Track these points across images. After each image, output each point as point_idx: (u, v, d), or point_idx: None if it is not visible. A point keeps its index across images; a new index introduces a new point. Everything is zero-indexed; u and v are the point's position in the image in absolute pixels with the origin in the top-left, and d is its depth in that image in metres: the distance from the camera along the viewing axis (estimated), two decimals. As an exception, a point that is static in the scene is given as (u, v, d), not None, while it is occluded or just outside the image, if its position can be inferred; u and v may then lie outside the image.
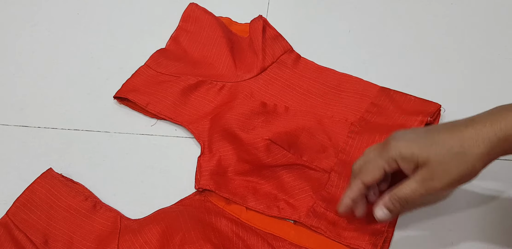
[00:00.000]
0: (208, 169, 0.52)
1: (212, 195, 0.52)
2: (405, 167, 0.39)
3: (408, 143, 0.39)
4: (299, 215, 0.49)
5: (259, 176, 0.52)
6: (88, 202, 0.51)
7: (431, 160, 0.37)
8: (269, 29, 0.61)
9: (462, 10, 0.65)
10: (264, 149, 0.51)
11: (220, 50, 0.61)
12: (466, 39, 0.62)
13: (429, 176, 0.38)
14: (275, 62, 0.60)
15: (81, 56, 0.65)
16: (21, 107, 0.61)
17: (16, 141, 0.58)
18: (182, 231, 0.46)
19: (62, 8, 0.70)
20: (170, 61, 0.61)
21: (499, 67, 0.59)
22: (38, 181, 0.51)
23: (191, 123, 0.56)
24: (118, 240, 0.47)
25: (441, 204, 0.50)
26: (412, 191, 0.39)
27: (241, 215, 0.50)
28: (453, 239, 0.48)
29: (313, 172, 0.52)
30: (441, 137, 0.38)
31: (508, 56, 0.60)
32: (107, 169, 0.55)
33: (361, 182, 0.42)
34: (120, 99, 0.60)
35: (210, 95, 0.58)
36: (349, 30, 0.65)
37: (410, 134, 0.40)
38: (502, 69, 0.59)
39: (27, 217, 0.50)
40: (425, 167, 0.38)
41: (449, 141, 0.37)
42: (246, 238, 0.47)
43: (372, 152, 0.42)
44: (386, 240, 0.48)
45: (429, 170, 0.38)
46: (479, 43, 0.61)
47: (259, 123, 0.54)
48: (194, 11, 0.65)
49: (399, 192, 0.40)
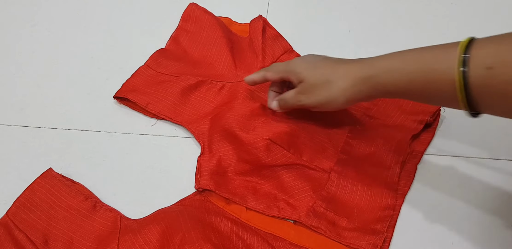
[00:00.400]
0: (208, 169, 0.52)
1: (212, 195, 0.52)
2: (293, 79, 0.49)
3: (302, 63, 0.49)
4: (299, 215, 0.49)
5: (259, 176, 0.52)
6: (88, 202, 0.51)
7: (308, 80, 0.47)
8: (269, 29, 0.61)
9: (462, 10, 0.65)
10: (264, 148, 0.51)
11: (220, 50, 0.61)
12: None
13: (302, 91, 0.48)
14: (275, 62, 0.60)
15: (81, 56, 0.65)
16: (21, 107, 0.61)
17: (16, 141, 0.58)
18: (182, 231, 0.46)
19: (62, 8, 0.70)
20: (170, 61, 0.61)
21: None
22: (38, 181, 0.51)
23: (191, 123, 0.56)
24: (118, 240, 0.47)
25: (441, 204, 0.50)
26: (290, 97, 0.50)
27: (241, 215, 0.50)
28: (453, 239, 0.48)
29: (313, 171, 0.52)
30: (325, 66, 0.47)
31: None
32: (107, 169, 0.55)
33: (264, 74, 0.52)
34: (120, 99, 0.60)
35: (210, 95, 0.58)
36: (349, 30, 0.65)
37: (310, 57, 0.50)
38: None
39: (27, 217, 0.50)
40: (303, 83, 0.48)
41: (327, 70, 0.46)
42: (246, 238, 0.47)
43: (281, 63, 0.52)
44: (386, 240, 0.48)
45: (303, 86, 0.48)
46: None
47: (259, 124, 0.54)
48: (194, 11, 0.65)
49: (284, 95, 0.51)
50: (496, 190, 0.51)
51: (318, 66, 0.47)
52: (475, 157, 0.53)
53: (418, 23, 0.64)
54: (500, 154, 0.53)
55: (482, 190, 0.51)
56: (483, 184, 0.51)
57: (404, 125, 0.53)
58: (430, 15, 0.65)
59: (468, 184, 0.51)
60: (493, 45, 0.35)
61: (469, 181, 0.51)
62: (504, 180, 0.51)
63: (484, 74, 0.34)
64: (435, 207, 0.50)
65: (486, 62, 0.34)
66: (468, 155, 0.53)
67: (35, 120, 0.60)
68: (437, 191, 0.51)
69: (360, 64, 0.44)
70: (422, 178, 0.52)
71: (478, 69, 0.34)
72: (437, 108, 0.54)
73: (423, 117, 0.53)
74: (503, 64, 0.33)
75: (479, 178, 0.52)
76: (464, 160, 0.53)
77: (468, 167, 0.52)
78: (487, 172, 0.52)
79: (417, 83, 0.39)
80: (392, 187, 0.50)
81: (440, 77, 0.37)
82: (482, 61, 0.34)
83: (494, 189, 0.51)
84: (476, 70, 0.35)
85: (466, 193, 0.51)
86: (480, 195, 0.50)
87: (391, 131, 0.53)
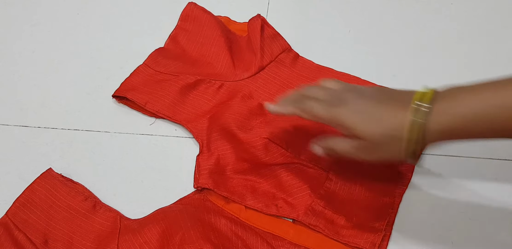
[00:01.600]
0: (206, 168, 0.52)
1: (211, 194, 0.52)
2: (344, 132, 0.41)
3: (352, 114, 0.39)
4: (297, 214, 0.49)
5: (258, 175, 0.52)
6: (87, 202, 0.51)
7: (368, 138, 0.39)
8: (267, 28, 0.61)
9: (462, 10, 0.65)
10: (262, 147, 0.51)
11: (218, 49, 0.61)
12: (466, 39, 0.62)
13: (361, 148, 0.40)
14: (273, 61, 0.60)
15: (81, 56, 0.65)
16: (21, 107, 0.61)
17: (16, 141, 0.58)
18: (182, 231, 0.46)
19: (62, 8, 0.70)
20: (168, 60, 0.61)
21: (499, 67, 0.59)
22: (37, 181, 0.51)
23: (189, 122, 0.56)
24: (118, 240, 0.47)
25: (441, 204, 0.50)
26: (343, 151, 0.41)
27: (240, 214, 0.50)
28: (453, 239, 0.48)
29: (312, 170, 0.52)
30: (387, 115, 0.38)
31: (507, 56, 0.60)
32: (107, 169, 0.55)
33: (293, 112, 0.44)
34: (119, 98, 0.60)
35: (209, 94, 0.58)
36: (349, 30, 0.65)
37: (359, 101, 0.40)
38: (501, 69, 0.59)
39: (26, 217, 0.50)
40: (361, 141, 0.39)
41: (390, 120, 0.38)
42: (245, 237, 0.47)
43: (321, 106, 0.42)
44: (384, 238, 0.48)
45: (363, 144, 0.39)
46: (479, 43, 0.61)
47: (257, 124, 0.54)
48: (192, 10, 0.65)
49: (334, 144, 0.42)
50: (496, 190, 0.51)
51: (369, 117, 0.38)
52: (475, 157, 0.53)
53: (418, 23, 0.64)
54: (500, 154, 0.53)
55: (482, 190, 0.51)
56: (483, 184, 0.51)
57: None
58: (430, 15, 0.65)
59: (468, 184, 0.51)
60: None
61: (469, 181, 0.51)
62: (504, 180, 0.51)
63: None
64: (435, 207, 0.50)
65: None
66: (468, 155, 0.53)
67: (35, 120, 0.60)
68: (437, 191, 0.51)
69: (434, 112, 0.36)
70: (422, 178, 0.52)
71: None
72: None
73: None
74: None
75: (479, 178, 0.52)
76: (464, 160, 0.53)
77: (468, 167, 0.52)
78: (487, 172, 0.52)
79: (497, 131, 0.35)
80: (391, 186, 0.50)
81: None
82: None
83: (494, 189, 0.51)
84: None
85: (466, 193, 0.51)
86: (480, 195, 0.50)
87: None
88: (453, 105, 0.36)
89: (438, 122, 0.36)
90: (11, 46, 0.67)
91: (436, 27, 0.64)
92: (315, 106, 0.42)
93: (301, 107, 0.43)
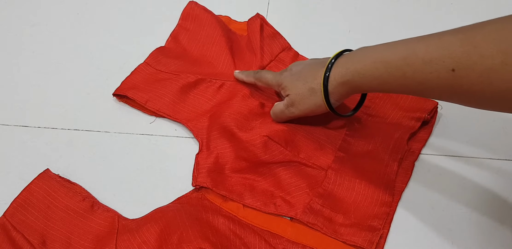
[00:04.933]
0: (205, 167, 0.52)
1: (209, 193, 0.52)
2: (281, 93, 0.52)
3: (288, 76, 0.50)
4: (295, 212, 0.49)
5: (256, 173, 0.52)
6: (85, 202, 0.51)
7: (293, 92, 0.49)
8: (267, 27, 0.61)
9: (462, 10, 0.65)
10: (262, 145, 0.51)
11: (219, 49, 0.61)
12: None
13: (290, 103, 0.50)
14: (274, 60, 0.60)
15: (81, 56, 0.65)
16: (21, 107, 0.61)
17: (16, 141, 0.58)
18: (180, 230, 0.46)
19: (62, 8, 0.70)
20: (169, 59, 0.61)
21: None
22: (35, 182, 0.51)
23: (189, 121, 0.56)
24: (116, 240, 0.47)
25: (441, 204, 0.50)
26: (280, 111, 0.52)
27: (238, 213, 0.50)
28: (453, 239, 0.48)
29: (310, 169, 0.52)
30: (307, 74, 0.48)
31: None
32: (107, 169, 0.55)
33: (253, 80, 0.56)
34: (119, 97, 0.60)
35: (209, 93, 0.58)
36: (349, 30, 0.65)
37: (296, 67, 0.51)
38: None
39: (24, 218, 0.50)
40: (290, 96, 0.50)
41: (309, 78, 0.48)
42: (243, 236, 0.47)
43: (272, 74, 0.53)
44: (382, 236, 0.48)
45: (290, 99, 0.50)
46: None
47: (257, 125, 0.54)
48: (193, 9, 0.65)
49: (274, 109, 0.53)
50: (496, 190, 0.51)
51: (301, 76, 0.49)
52: (475, 157, 0.53)
53: (418, 23, 0.64)
54: (500, 154, 0.53)
55: (482, 190, 0.51)
56: (483, 184, 0.51)
57: (402, 123, 0.54)
58: (430, 15, 0.65)
59: (468, 184, 0.51)
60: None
61: (469, 181, 0.51)
62: (504, 180, 0.51)
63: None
64: (435, 207, 0.50)
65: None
66: (468, 155, 0.53)
67: (35, 120, 0.60)
68: (437, 191, 0.51)
69: (337, 69, 0.45)
70: (422, 178, 0.52)
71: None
72: (434, 106, 0.54)
73: (420, 115, 0.53)
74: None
75: (479, 178, 0.52)
76: (464, 160, 0.53)
77: (468, 167, 0.52)
78: (487, 172, 0.52)
79: (390, 85, 0.41)
80: (389, 185, 0.50)
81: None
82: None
83: (494, 189, 0.51)
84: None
85: (466, 193, 0.51)
86: (480, 195, 0.50)
87: (388, 129, 0.53)
88: (349, 60, 0.44)
89: (339, 74, 0.45)
90: (11, 46, 0.67)
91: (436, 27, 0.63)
92: (266, 74, 0.54)
93: (256, 76, 0.55)
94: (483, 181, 0.51)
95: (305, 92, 0.48)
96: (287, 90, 0.50)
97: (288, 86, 0.50)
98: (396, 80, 0.40)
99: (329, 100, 0.47)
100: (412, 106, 0.54)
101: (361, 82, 0.43)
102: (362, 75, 0.43)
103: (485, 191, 0.51)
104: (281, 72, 0.52)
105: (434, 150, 0.54)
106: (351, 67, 0.43)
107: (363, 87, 0.44)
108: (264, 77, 0.54)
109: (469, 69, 0.34)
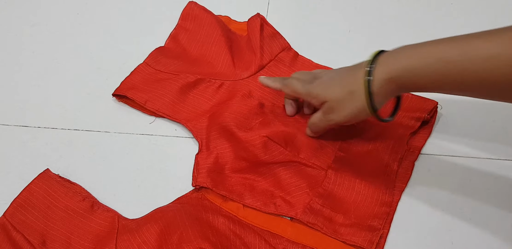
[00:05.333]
0: (205, 167, 0.52)
1: (209, 193, 0.52)
2: (314, 103, 0.48)
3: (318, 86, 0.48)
4: (295, 212, 0.49)
5: (256, 173, 0.52)
6: (85, 202, 0.51)
7: (330, 98, 0.46)
8: (267, 27, 0.61)
9: (462, 10, 0.65)
10: (261, 146, 0.51)
11: (219, 49, 0.61)
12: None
13: (329, 110, 0.47)
14: (273, 60, 0.60)
15: (81, 56, 0.65)
16: (21, 107, 0.61)
17: (16, 141, 0.58)
18: (180, 230, 0.46)
19: (62, 8, 0.70)
20: (169, 59, 0.61)
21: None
22: (35, 182, 0.51)
23: (189, 121, 0.56)
24: (116, 240, 0.47)
25: (441, 204, 0.50)
26: (319, 120, 0.49)
27: (238, 213, 0.50)
28: (453, 239, 0.48)
29: (310, 169, 0.52)
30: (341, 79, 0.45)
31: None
32: (107, 169, 0.55)
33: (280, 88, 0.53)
34: (119, 97, 0.60)
35: (209, 93, 0.58)
36: (349, 30, 0.65)
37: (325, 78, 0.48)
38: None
39: (24, 218, 0.50)
40: (327, 103, 0.46)
41: (344, 81, 0.45)
42: (243, 235, 0.47)
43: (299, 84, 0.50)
44: (382, 236, 0.48)
45: (328, 106, 0.46)
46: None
47: (256, 124, 0.54)
48: (193, 10, 0.65)
49: (312, 120, 0.50)
50: (496, 190, 0.51)
51: (333, 83, 0.46)
52: (475, 157, 0.53)
53: (418, 23, 0.64)
54: (500, 154, 0.53)
55: (482, 190, 0.51)
56: (483, 184, 0.51)
57: (402, 122, 0.54)
58: (430, 15, 0.65)
59: (468, 184, 0.51)
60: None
61: (469, 181, 0.51)
62: (504, 180, 0.51)
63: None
64: (435, 207, 0.50)
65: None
66: (468, 155, 0.53)
67: (35, 120, 0.60)
68: (437, 191, 0.51)
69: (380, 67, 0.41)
70: (422, 178, 0.52)
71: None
72: (434, 106, 0.54)
73: (420, 115, 0.53)
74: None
75: (479, 178, 0.52)
76: (464, 160, 0.53)
77: (468, 167, 0.52)
78: (487, 172, 0.52)
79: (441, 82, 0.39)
80: (389, 184, 0.50)
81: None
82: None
83: (494, 189, 0.51)
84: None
85: (466, 193, 0.51)
86: (480, 195, 0.50)
87: (388, 128, 0.53)
88: (396, 57, 0.41)
89: (383, 72, 0.41)
90: (11, 46, 0.67)
91: (436, 27, 0.64)
92: (295, 83, 0.50)
93: (284, 83, 0.52)
94: (483, 181, 0.51)
95: (344, 97, 0.44)
96: (321, 98, 0.47)
97: (322, 94, 0.46)
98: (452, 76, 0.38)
99: (373, 102, 0.43)
100: (412, 106, 0.54)
101: (410, 79, 0.40)
102: (410, 72, 0.40)
103: (485, 191, 0.51)
104: (309, 81, 0.49)
105: (434, 149, 0.54)
106: (397, 64, 0.40)
107: (409, 86, 0.41)
108: (292, 84, 0.51)
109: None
